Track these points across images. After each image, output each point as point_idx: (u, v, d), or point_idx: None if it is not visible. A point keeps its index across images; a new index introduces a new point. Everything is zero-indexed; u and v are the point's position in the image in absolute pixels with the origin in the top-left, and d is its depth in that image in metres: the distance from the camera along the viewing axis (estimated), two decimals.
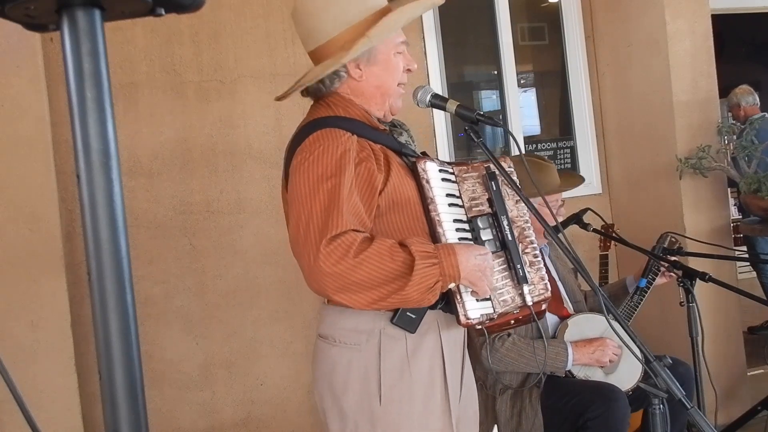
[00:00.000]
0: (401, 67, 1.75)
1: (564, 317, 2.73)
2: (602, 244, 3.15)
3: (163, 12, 0.68)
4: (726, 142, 3.81)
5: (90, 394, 3.10)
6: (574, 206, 3.09)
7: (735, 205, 4.84)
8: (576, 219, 3.00)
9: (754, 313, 5.04)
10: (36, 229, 2.93)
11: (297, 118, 1.84)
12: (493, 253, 1.69)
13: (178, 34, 3.40)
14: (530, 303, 1.71)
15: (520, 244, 1.74)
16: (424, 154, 1.76)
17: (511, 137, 2.11)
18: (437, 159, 1.77)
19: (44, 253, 2.93)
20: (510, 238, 1.71)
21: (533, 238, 1.78)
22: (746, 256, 5.14)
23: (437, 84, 3.91)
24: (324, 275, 1.49)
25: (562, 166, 4.27)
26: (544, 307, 1.80)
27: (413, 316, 1.63)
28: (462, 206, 1.73)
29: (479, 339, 2.60)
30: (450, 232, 1.67)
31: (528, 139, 4.34)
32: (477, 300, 1.66)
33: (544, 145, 4.34)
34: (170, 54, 3.40)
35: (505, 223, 1.71)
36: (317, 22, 1.70)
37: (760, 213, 3.70)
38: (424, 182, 1.67)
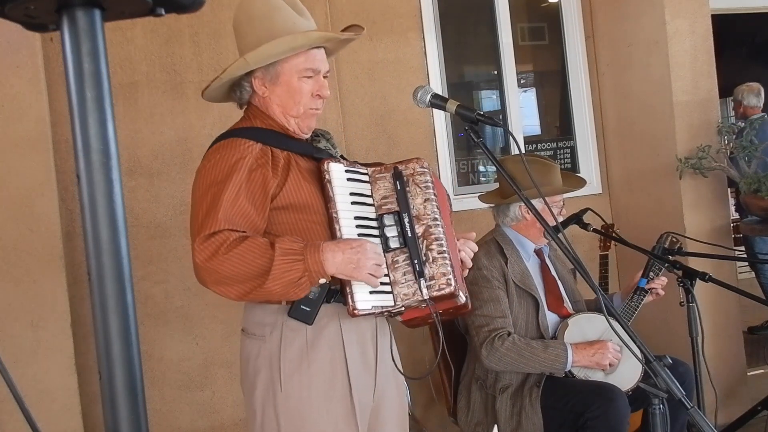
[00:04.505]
0: (306, 92, 1.84)
1: (564, 316, 2.74)
2: (602, 244, 3.15)
3: (163, 12, 0.68)
4: (726, 142, 3.81)
5: (90, 394, 3.10)
6: (574, 206, 3.09)
7: (734, 205, 4.82)
8: (576, 219, 3.01)
9: (754, 313, 5.05)
10: (36, 229, 2.93)
11: None
12: (398, 249, 1.78)
13: (178, 34, 3.40)
14: (427, 297, 1.76)
15: (425, 241, 1.79)
16: (342, 158, 1.89)
17: (511, 137, 2.13)
18: (349, 161, 1.89)
19: (44, 253, 2.93)
20: (410, 235, 1.79)
21: (440, 234, 1.80)
22: (746, 256, 5.14)
23: (437, 84, 3.91)
24: (200, 269, 1.66)
25: (562, 166, 4.26)
26: (457, 302, 1.80)
27: (307, 309, 1.74)
28: (372, 204, 1.83)
29: (479, 338, 2.60)
30: (347, 229, 1.77)
31: (528, 139, 4.34)
32: (371, 292, 1.75)
33: (544, 145, 4.34)
34: (170, 54, 3.39)
35: (406, 220, 1.80)
36: (238, 39, 1.89)
37: (760, 213, 3.70)
38: (325, 182, 1.80)
